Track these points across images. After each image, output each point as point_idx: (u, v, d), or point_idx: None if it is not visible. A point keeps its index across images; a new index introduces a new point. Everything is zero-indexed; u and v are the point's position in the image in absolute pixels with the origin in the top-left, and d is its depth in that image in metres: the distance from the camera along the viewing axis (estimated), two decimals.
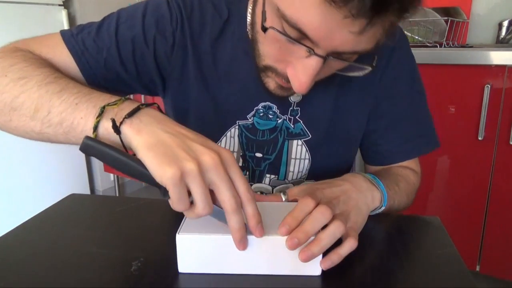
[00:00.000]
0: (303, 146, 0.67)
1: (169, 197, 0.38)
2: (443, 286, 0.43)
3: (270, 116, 0.65)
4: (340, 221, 0.44)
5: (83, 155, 2.30)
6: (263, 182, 0.70)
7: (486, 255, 1.44)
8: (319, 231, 0.44)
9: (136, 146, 0.40)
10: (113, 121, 0.41)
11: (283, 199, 0.53)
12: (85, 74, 0.60)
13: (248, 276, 0.44)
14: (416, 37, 1.63)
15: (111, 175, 2.52)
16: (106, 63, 0.60)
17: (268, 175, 0.69)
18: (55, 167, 2.12)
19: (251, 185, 0.70)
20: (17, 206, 1.92)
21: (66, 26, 2.08)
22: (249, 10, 0.61)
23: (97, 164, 2.46)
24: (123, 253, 0.49)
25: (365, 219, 0.53)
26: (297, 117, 0.65)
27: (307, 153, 0.67)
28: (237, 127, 0.66)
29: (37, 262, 0.47)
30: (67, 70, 0.59)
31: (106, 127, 0.42)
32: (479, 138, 1.35)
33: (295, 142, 0.66)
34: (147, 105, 0.44)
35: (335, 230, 0.43)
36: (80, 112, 0.44)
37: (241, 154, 0.67)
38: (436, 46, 1.51)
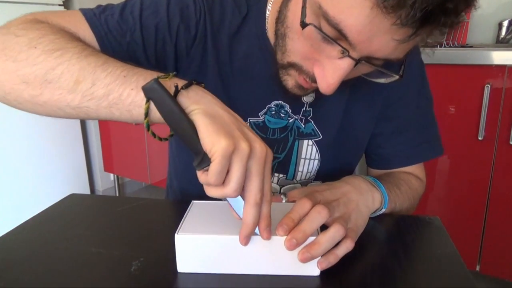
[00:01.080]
0: (314, 146, 0.67)
1: (203, 168, 0.38)
2: (443, 286, 0.43)
3: (282, 115, 0.65)
4: (340, 225, 0.44)
5: (83, 155, 2.30)
6: (271, 181, 0.69)
7: (486, 255, 1.44)
8: (318, 231, 0.44)
9: (194, 112, 0.39)
10: (176, 87, 0.40)
11: (283, 201, 0.53)
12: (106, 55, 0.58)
13: (247, 276, 0.44)
14: None
15: (111, 175, 2.52)
16: (128, 47, 0.57)
17: (276, 174, 0.69)
18: (55, 167, 2.12)
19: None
20: (17, 206, 1.92)
21: None
22: (269, 7, 0.61)
23: (97, 164, 2.47)
24: (123, 253, 0.49)
25: (366, 221, 0.53)
26: (308, 118, 0.65)
27: (317, 154, 0.67)
28: (247, 124, 0.66)
29: (37, 262, 0.47)
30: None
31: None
32: (479, 138, 1.35)
33: (305, 142, 0.66)
34: (197, 83, 0.43)
35: (334, 233, 0.43)
36: (131, 84, 0.42)
37: None
38: (436, 46, 1.51)
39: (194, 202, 0.52)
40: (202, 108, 0.40)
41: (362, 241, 0.48)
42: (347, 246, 0.45)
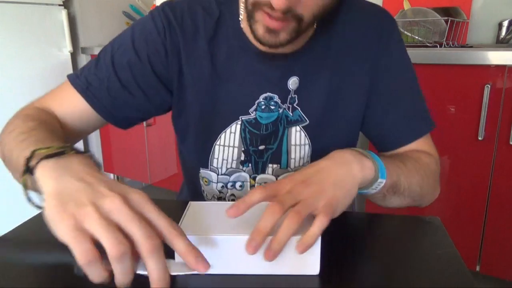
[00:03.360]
0: (302, 131, 0.67)
1: (81, 272, 0.34)
2: (443, 286, 0.43)
3: (272, 107, 0.66)
4: (294, 213, 0.42)
5: None
6: (266, 172, 0.70)
7: (486, 255, 1.44)
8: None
9: (44, 195, 0.38)
10: (27, 160, 0.41)
11: None
12: (97, 109, 0.64)
13: (247, 276, 0.44)
14: (416, 37, 1.63)
15: (111, 175, 2.52)
16: (109, 91, 0.63)
17: (270, 165, 0.69)
18: None
19: (255, 177, 0.70)
20: (17, 206, 1.92)
21: (66, 26, 2.08)
22: (241, 5, 0.64)
23: None
24: None
25: (351, 192, 0.50)
26: (295, 105, 0.66)
27: (306, 139, 0.68)
28: (240, 122, 0.67)
29: (37, 262, 0.47)
30: (81, 114, 0.64)
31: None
32: (479, 138, 1.35)
33: (293, 129, 0.67)
34: (77, 152, 0.43)
35: (288, 225, 0.41)
36: (19, 157, 0.45)
37: (242, 149, 0.68)
38: (436, 46, 1.51)
39: (192, 203, 0.52)
40: (50, 188, 0.38)
41: (363, 241, 0.48)
42: (322, 223, 0.43)
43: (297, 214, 0.42)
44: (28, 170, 0.41)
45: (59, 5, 2.06)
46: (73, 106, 0.64)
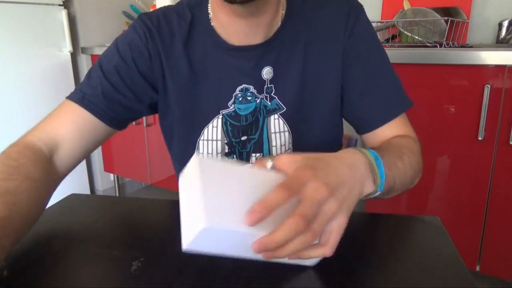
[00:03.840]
0: (280, 119, 0.70)
1: None
2: (443, 286, 0.43)
3: (249, 98, 0.69)
4: (311, 234, 0.39)
5: None
6: (250, 162, 0.73)
7: (486, 255, 1.44)
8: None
9: None
10: None
11: (269, 166, 0.45)
12: (96, 114, 0.66)
13: (247, 276, 0.44)
14: (416, 37, 1.63)
15: (111, 175, 2.52)
16: (105, 96, 0.67)
17: (254, 154, 0.72)
18: None
19: None
20: None
21: (66, 26, 2.08)
22: (209, 6, 0.68)
23: (97, 164, 2.47)
24: (123, 253, 0.49)
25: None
26: (272, 94, 0.69)
27: (285, 126, 0.70)
28: (220, 116, 0.70)
29: (37, 262, 0.47)
30: (80, 127, 0.66)
31: None
32: (479, 138, 1.35)
33: (272, 117, 0.70)
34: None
35: (301, 244, 0.39)
36: None
37: (226, 141, 0.71)
38: (436, 46, 1.51)
39: (200, 158, 0.41)
40: None
41: (362, 241, 0.48)
42: (340, 225, 0.41)
43: (313, 235, 0.39)
44: None
45: (59, 5, 2.06)
46: (71, 119, 0.66)
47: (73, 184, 2.23)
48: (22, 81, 1.94)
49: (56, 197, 0.66)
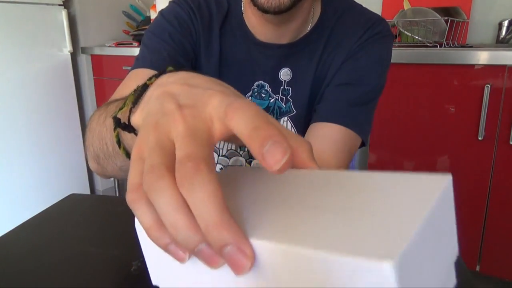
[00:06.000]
0: (288, 122, 0.71)
1: None
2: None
3: (263, 95, 0.70)
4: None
5: (83, 155, 2.30)
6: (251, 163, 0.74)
7: (486, 255, 1.45)
8: None
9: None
10: (116, 122, 0.34)
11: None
12: None
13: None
14: (416, 37, 1.63)
15: None
16: (170, 57, 0.67)
17: None
18: (55, 167, 2.12)
19: (250, 161, 0.74)
20: (17, 206, 1.93)
21: (66, 26, 2.08)
22: (243, 0, 0.71)
23: None
24: (123, 253, 0.49)
25: None
26: (288, 97, 0.70)
27: (292, 129, 0.71)
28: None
29: (37, 262, 0.47)
30: None
31: (124, 138, 0.35)
32: (479, 138, 1.35)
33: (282, 119, 0.72)
34: (159, 74, 0.31)
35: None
36: (107, 132, 0.42)
37: None
38: (436, 46, 1.51)
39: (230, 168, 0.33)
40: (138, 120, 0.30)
41: None
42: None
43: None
44: (124, 127, 0.33)
45: (59, 5, 2.06)
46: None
47: (73, 184, 2.23)
48: (22, 81, 1.94)
49: (56, 197, 0.66)
